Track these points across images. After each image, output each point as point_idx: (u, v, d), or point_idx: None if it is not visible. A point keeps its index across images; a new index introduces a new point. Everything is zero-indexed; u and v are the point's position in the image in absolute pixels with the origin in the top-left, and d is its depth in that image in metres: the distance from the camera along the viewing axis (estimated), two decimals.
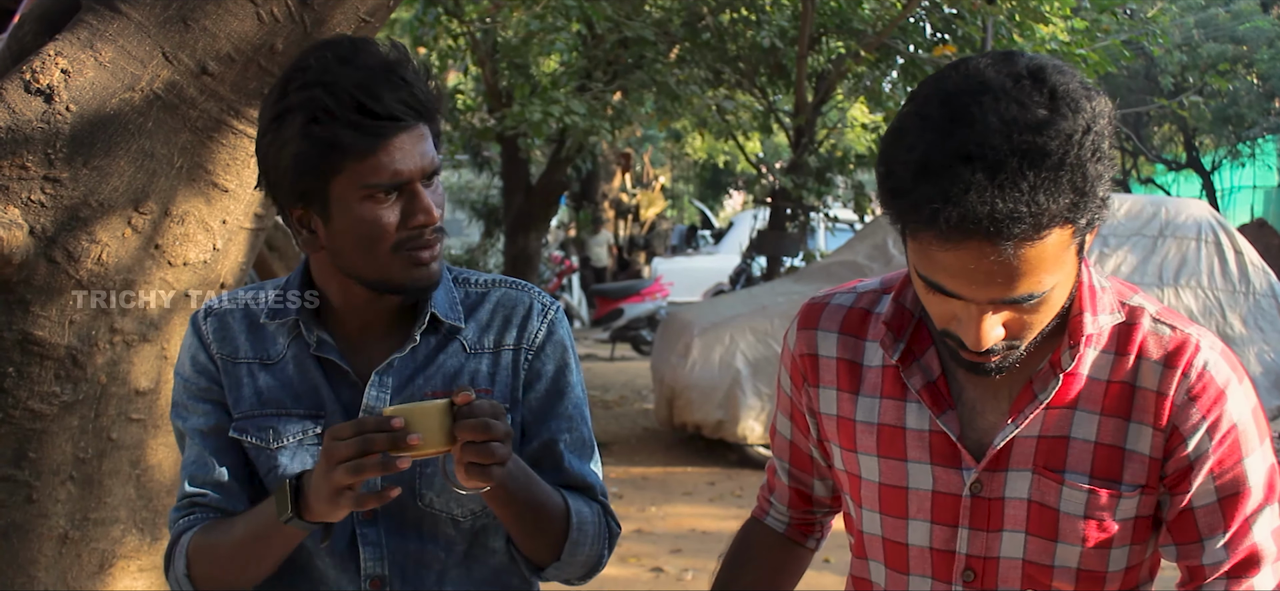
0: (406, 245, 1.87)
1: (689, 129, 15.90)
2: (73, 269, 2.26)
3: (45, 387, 2.32)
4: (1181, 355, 1.66)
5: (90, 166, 2.22)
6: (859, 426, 1.81)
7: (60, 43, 2.22)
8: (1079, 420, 1.69)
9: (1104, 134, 1.51)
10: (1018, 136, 1.46)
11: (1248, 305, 8.81)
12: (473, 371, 2.01)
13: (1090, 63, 10.28)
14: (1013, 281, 1.51)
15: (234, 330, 2.01)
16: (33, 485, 2.35)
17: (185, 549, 1.95)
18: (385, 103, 1.80)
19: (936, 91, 1.54)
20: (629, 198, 22.81)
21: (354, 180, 1.83)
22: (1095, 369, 1.69)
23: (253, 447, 1.99)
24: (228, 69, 2.24)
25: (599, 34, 11.27)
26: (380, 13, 2.35)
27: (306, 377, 1.99)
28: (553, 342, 2.06)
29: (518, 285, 2.10)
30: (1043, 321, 1.60)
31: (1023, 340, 1.60)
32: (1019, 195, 1.45)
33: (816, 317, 1.90)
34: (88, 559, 2.45)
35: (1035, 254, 1.49)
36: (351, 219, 1.86)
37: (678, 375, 8.95)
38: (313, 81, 1.82)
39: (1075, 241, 1.55)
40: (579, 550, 2.01)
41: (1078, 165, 1.47)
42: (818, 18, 11.07)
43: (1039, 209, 1.46)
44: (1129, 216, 9.04)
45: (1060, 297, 1.60)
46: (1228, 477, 1.65)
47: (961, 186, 1.46)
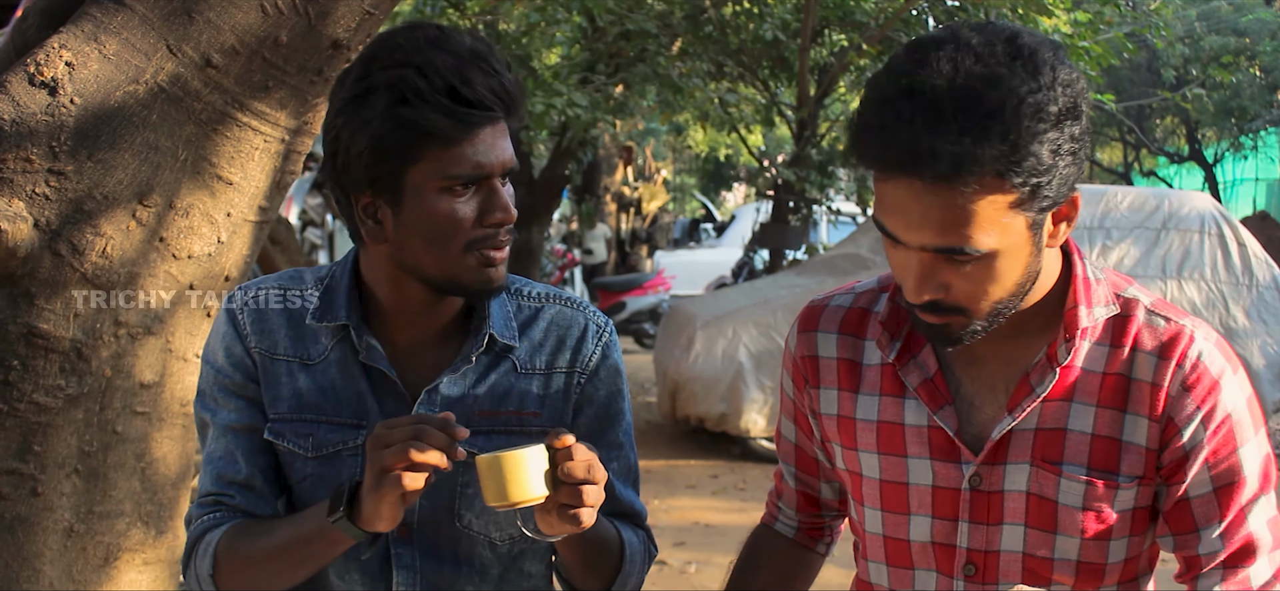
0: (480, 243, 1.79)
1: (691, 122, 15.88)
2: (77, 262, 2.26)
3: (50, 381, 2.32)
4: (1176, 346, 1.67)
5: (94, 159, 2.22)
6: (859, 424, 1.82)
7: (64, 35, 2.22)
8: (1075, 412, 1.69)
9: (1063, 109, 1.52)
10: (961, 81, 1.49)
11: (1251, 297, 8.80)
12: (522, 392, 1.93)
13: (1093, 55, 10.27)
14: (941, 229, 1.52)
15: (273, 324, 1.91)
16: (38, 478, 2.36)
17: (212, 549, 1.85)
18: (477, 90, 1.73)
19: (913, 43, 1.58)
20: (631, 191, 22.78)
21: (435, 169, 1.75)
22: (1090, 361, 1.69)
23: (287, 453, 1.89)
24: (232, 61, 2.24)
25: (601, 26, 11.26)
26: (384, 4, 2.35)
27: (351, 384, 1.89)
28: (607, 367, 1.99)
29: (573, 303, 2.01)
30: (991, 294, 1.60)
31: (973, 310, 1.60)
32: (945, 134, 1.47)
33: (816, 319, 1.90)
34: (93, 552, 2.45)
35: (963, 204, 1.50)
36: (426, 210, 1.77)
37: (681, 368, 8.95)
38: (403, 61, 1.73)
39: (1023, 214, 1.54)
40: (629, 580, 1.96)
41: (1014, 120, 1.48)
42: (820, 10, 11.06)
43: (962, 153, 1.47)
44: (1132, 209, 9.03)
45: (1009, 272, 1.59)
46: (1223, 467, 1.66)
47: (896, 118, 1.50)
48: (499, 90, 1.75)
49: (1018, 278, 1.61)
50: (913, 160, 1.49)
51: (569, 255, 19.48)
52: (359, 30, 2.31)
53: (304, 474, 1.89)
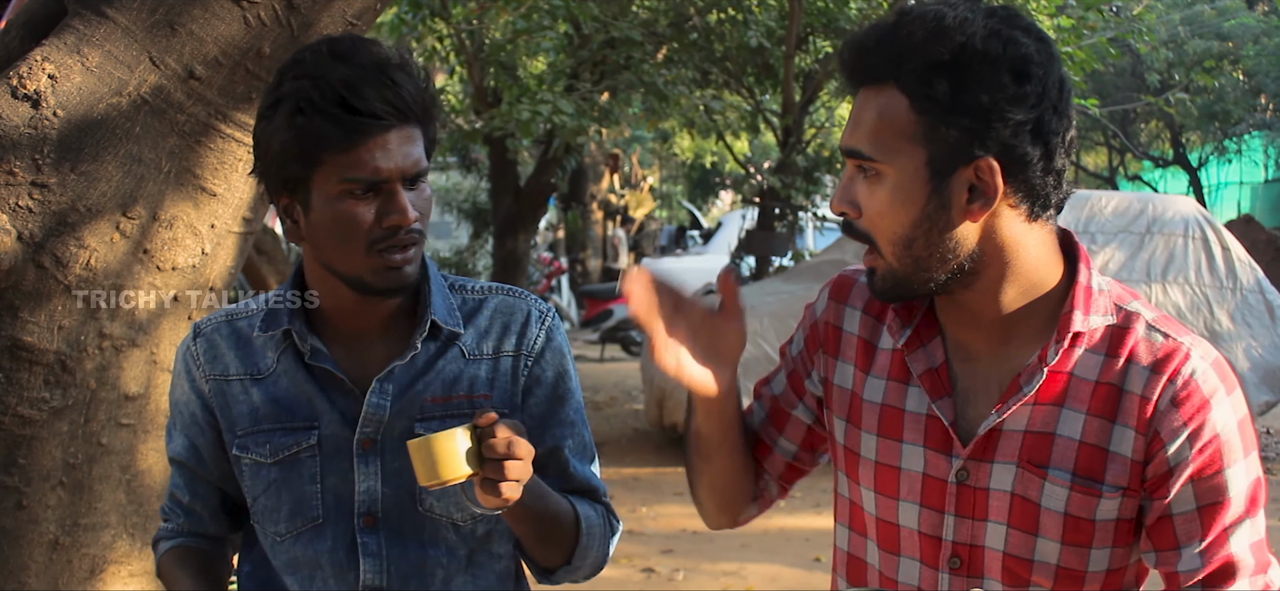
0: (380, 244, 1.86)
1: (677, 129, 15.91)
2: (61, 274, 2.26)
3: (34, 393, 2.32)
4: (1170, 362, 1.67)
5: (78, 171, 2.22)
6: (865, 405, 1.83)
7: (47, 48, 2.22)
8: (1065, 418, 1.70)
9: (989, 55, 1.58)
10: (929, 14, 1.59)
11: (1235, 301, 8.84)
12: (471, 377, 2.01)
13: (1077, 60, 10.31)
14: (852, 128, 1.66)
15: (222, 349, 2.02)
16: (23, 491, 2.35)
17: (159, 557, 2.07)
18: (367, 100, 1.81)
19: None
20: (617, 198, 22.79)
21: (333, 173, 1.84)
22: (1084, 368, 1.70)
23: (252, 465, 1.99)
24: (215, 73, 2.24)
25: (586, 34, 11.27)
26: (367, 15, 2.35)
27: (299, 389, 1.98)
28: (552, 349, 2.07)
29: (513, 292, 2.10)
30: (887, 227, 1.67)
31: (877, 240, 1.68)
32: (877, 35, 1.63)
33: (847, 292, 1.91)
34: (78, 564, 2.44)
35: (865, 105, 1.64)
36: (329, 212, 1.86)
37: (667, 376, 8.94)
38: (303, 74, 1.84)
39: (920, 149, 1.62)
40: (588, 553, 2.02)
41: (922, 32, 1.59)
42: (805, 17, 11.09)
43: (867, 47, 1.64)
44: (1116, 213, 9.06)
45: (902, 206, 1.65)
46: (1207, 486, 1.65)
47: (865, 31, 1.66)
48: (394, 100, 1.84)
49: (913, 218, 1.65)
50: (848, 57, 1.66)
51: (556, 263, 19.49)
52: None
53: (268, 480, 1.98)
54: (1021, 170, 1.62)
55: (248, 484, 2.00)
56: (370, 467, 1.98)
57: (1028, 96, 1.59)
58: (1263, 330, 8.78)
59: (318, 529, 1.96)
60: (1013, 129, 1.59)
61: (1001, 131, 1.59)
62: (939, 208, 1.63)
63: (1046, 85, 1.60)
